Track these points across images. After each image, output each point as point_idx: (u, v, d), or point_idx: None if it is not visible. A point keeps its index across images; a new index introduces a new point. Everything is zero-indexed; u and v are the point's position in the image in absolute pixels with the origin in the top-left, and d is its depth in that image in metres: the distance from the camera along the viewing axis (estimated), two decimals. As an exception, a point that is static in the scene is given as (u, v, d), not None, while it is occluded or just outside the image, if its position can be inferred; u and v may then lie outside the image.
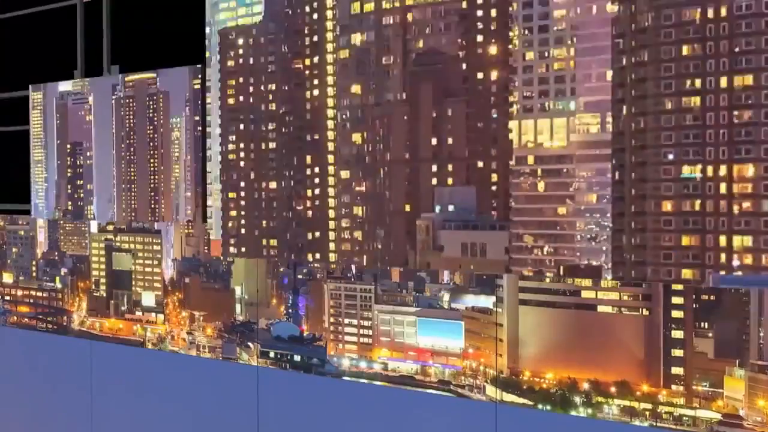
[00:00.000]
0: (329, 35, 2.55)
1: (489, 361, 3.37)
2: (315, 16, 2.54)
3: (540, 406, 3.16)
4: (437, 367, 3.56)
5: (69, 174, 4.79)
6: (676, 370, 2.89)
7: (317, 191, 2.67)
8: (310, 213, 2.74)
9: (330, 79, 2.59)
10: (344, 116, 2.54)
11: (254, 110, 2.81)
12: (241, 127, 2.80)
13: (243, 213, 2.98)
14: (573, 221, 2.36)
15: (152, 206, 4.31)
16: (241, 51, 2.80)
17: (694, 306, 2.83)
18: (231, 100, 2.79)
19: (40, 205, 4.90)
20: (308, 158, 2.71)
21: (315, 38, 2.58)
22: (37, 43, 5.43)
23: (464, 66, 2.33)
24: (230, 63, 2.78)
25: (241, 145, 2.84)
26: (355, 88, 2.48)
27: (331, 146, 2.65)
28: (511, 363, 3.23)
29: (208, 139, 3.06)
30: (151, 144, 4.23)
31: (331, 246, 2.72)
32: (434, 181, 2.42)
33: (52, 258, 5.33)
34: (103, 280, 4.89)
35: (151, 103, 4.30)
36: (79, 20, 5.00)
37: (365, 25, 2.44)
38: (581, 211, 2.34)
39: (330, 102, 2.58)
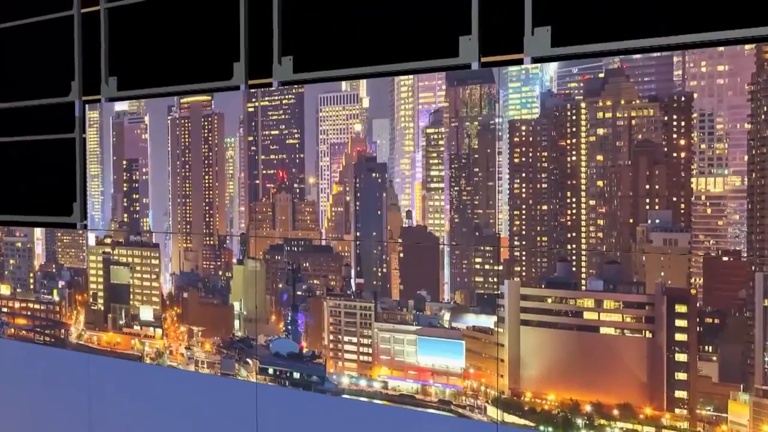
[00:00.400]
0: (582, 128, 3.93)
1: (490, 381, 3.24)
2: (574, 118, 3.99)
3: (542, 428, 3.11)
4: (438, 387, 3.44)
5: (125, 188, 4.88)
6: (680, 394, 2.88)
7: (573, 211, 3.92)
8: (569, 223, 3.85)
9: (583, 151, 3.91)
10: (592, 172, 3.88)
11: (532, 165, 3.92)
12: (523, 175, 4.10)
13: (524, 221, 3.98)
14: (725, 227, 3.43)
15: (207, 219, 4.43)
16: (523, 132, 4.12)
17: (698, 329, 2.82)
18: (516, 160, 4.12)
19: (96, 217, 5.04)
20: (568, 193, 3.87)
21: (573, 129, 3.95)
22: (34, 53, 5.33)
23: (665, 149, 3.60)
24: (516, 139, 4.11)
25: (523, 184, 4.08)
26: (599, 157, 3.85)
27: (583, 186, 3.81)
28: (513, 384, 3.21)
29: (498, 181, 4.30)
30: (206, 162, 4.43)
31: (582, 241, 3.91)
32: (647, 207, 3.66)
33: (50, 270, 5.22)
34: (101, 294, 4.86)
35: (206, 123, 4.46)
36: (77, 31, 5.03)
37: (605, 124, 3.87)
38: (730, 223, 3.41)
39: (583, 164, 3.91)
